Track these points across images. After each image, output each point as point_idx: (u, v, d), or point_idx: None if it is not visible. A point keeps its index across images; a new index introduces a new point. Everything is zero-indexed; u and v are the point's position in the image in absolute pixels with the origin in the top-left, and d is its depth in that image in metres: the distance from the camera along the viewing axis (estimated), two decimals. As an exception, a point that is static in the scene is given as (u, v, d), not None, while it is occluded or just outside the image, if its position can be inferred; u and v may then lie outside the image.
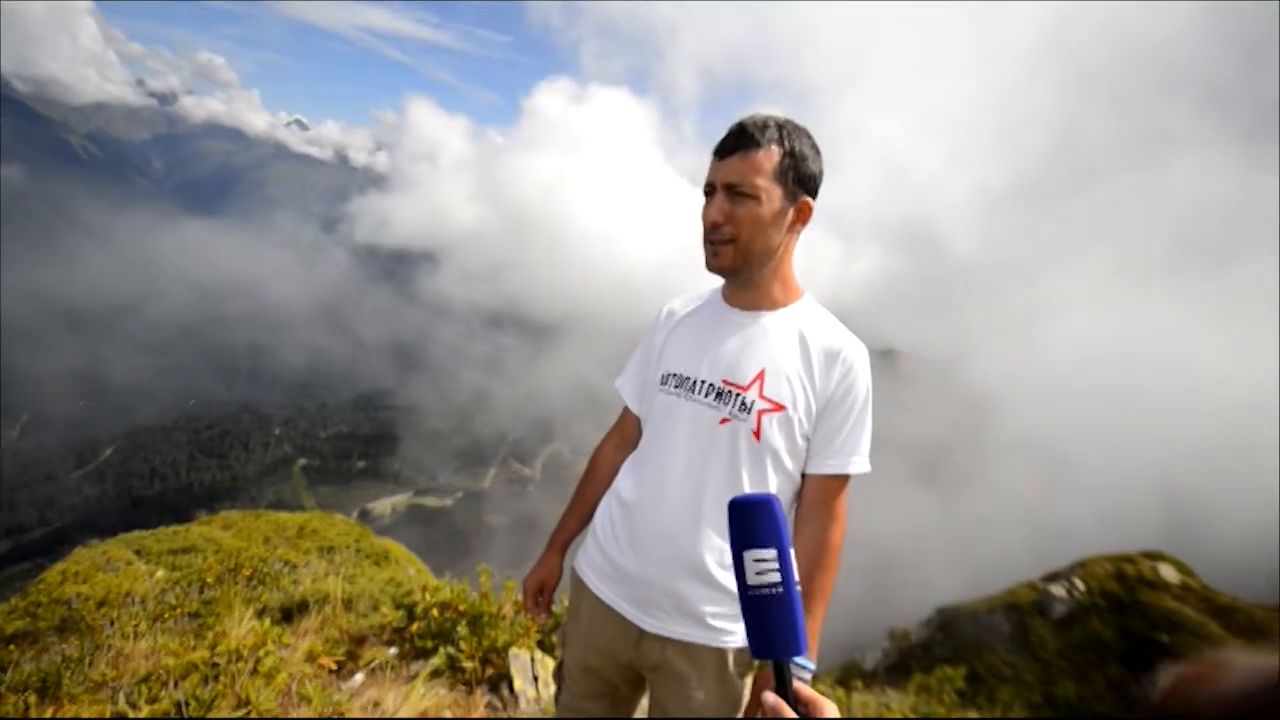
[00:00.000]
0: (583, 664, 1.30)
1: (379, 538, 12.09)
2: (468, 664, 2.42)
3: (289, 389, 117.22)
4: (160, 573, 6.70)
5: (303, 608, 3.32)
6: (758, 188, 1.09)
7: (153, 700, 1.71)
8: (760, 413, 1.12)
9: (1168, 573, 14.09)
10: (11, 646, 5.36)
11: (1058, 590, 14.47)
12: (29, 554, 61.06)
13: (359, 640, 2.72)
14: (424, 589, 3.01)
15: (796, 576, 0.67)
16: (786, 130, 1.10)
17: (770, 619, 0.66)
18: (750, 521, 0.69)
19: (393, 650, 2.62)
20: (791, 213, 1.12)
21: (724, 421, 1.13)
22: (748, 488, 1.11)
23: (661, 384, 1.23)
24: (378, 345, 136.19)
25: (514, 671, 2.40)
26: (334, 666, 2.32)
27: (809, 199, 1.12)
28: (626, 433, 1.37)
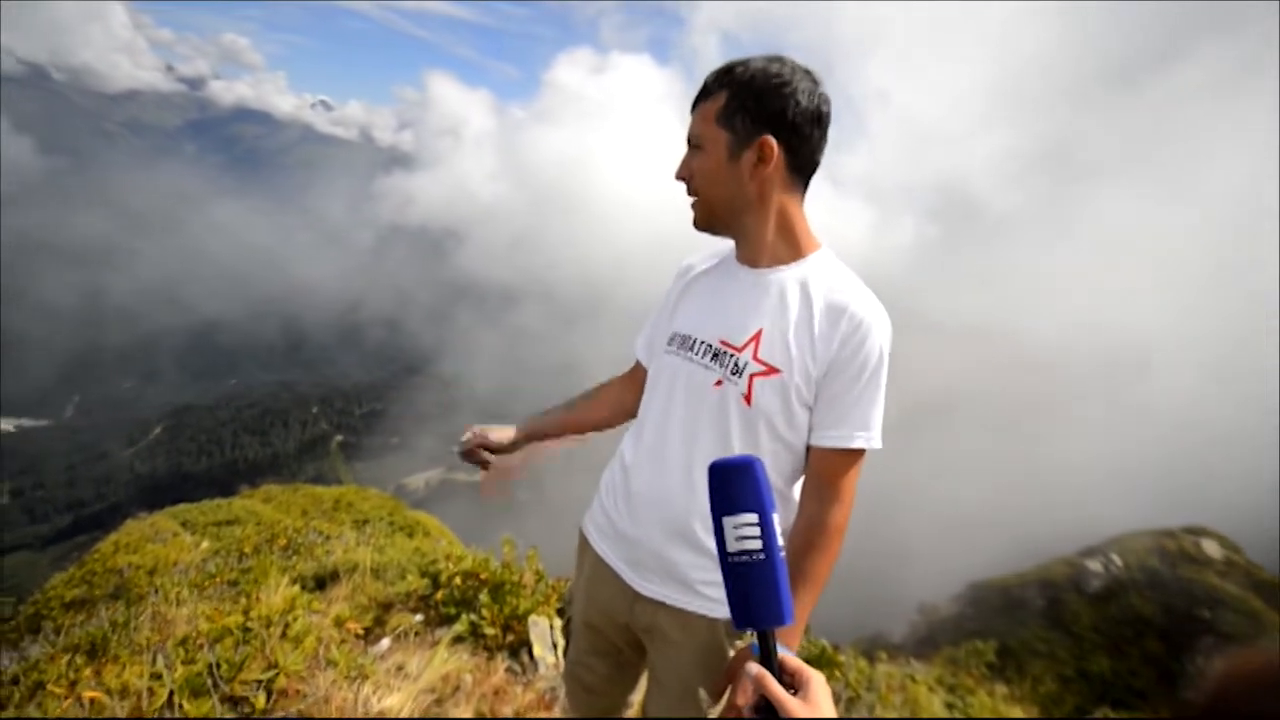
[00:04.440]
0: (585, 620, 1.31)
1: (412, 511, 12.47)
2: (489, 630, 2.48)
3: (324, 367, 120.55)
4: (205, 543, 7.02)
5: (334, 576, 3.44)
6: (702, 137, 1.05)
7: (188, 661, 1.79)
8: (753, 376, 1.05)
9: (1211, 548, 13.70)
10: (68, 612, 5.71)
11: (1094, 565, 14.20)
12: (87, 527, 64.67)
13: (386, 607, 2.80)
14: (448, 558, 3.08)
15: (780, 542, 0.65)
16: (740, 70, 1.01)
17: (752, 587, 0.64)
18: (729, 486, 0.66)
19: (418, 617, 2.70)
20: (749, 154, 1.02)
21: (718, 384, 1.08)
22: (736, 453, 1.02)
23: (668, 344, 1.18)
24: (408, 323, 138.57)
25: (533, 638, 2.45)
26: (361, 632, 2.40)
27: (769, 136, 1.00)
28: (636, 380, 1.33)
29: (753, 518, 0.64)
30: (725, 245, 1.20)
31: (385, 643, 2.40)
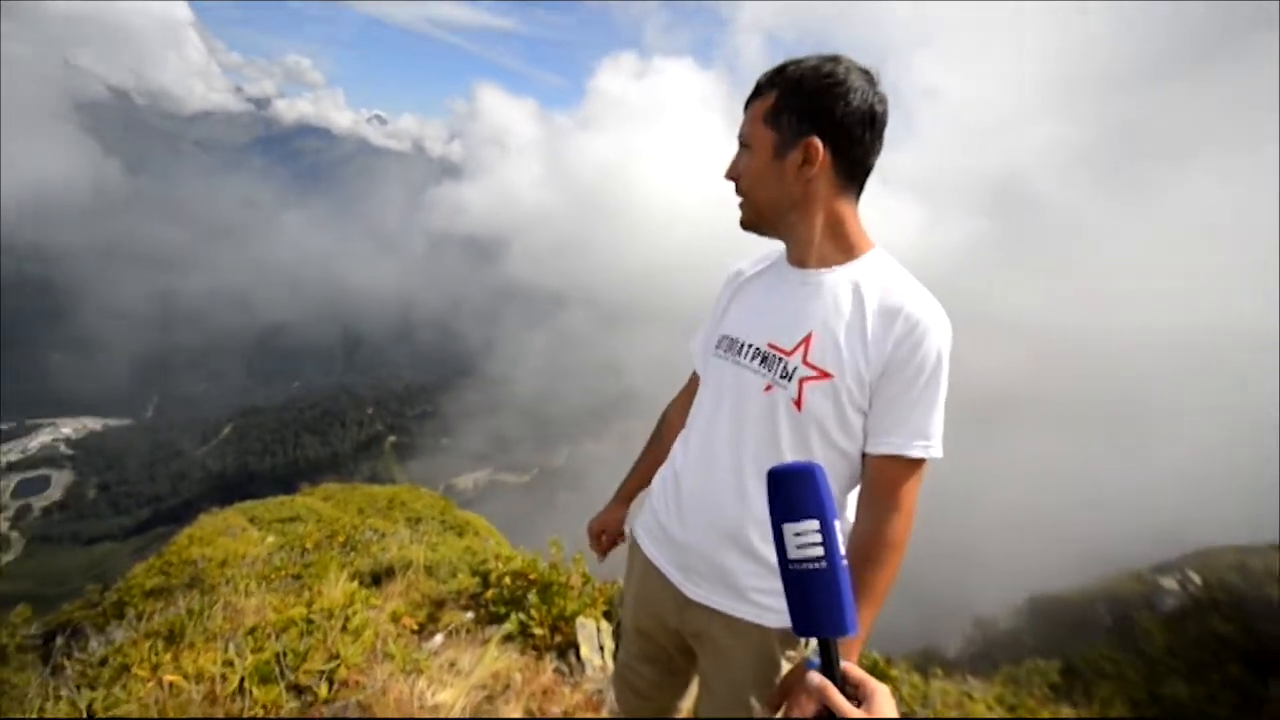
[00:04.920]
0: (635, 624, 1.30)
1: (462, 510, 12.79)
2: (538, 630, 2.52)
3: (379, 370, 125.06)
4: (270, 538, 7.38)
5: (389, 573, 3.56)
6: (750, 136, 1.04)
7: (257, 650, 1.89)
8: (803, 380, 1.01)
9: (1304, 567, 12.62)
10: (148, 599, 6.09)
11: (1169, 582, 13.29)
12: (164, 520, 68.94)
13: (439, 604, 2.88)
14: (498, 558, 3.15)
15: (843, 550, 0.63)
16: (792, 70, 1.00)
17: (813, 595, 0.63)
18: (789, 492, 0.65)
19: (469, 615, 2.76)
20: (794, 155, 0.99)
21: (768, 389, 1.05)
22: (787, 459, 1.00)
23: (716, 348, 1.17)
24: (457, 326, 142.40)
25: (581, 640, 2.47)
26: (416, 627, 2.48)
27: (815, 137, 0.98)
28: (693, 394, 1.33)
29: (814, 524, 0.63)
30: (776, 248, 1.17)
31: (438, 639, 2.47)
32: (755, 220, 1.09)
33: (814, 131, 0.98)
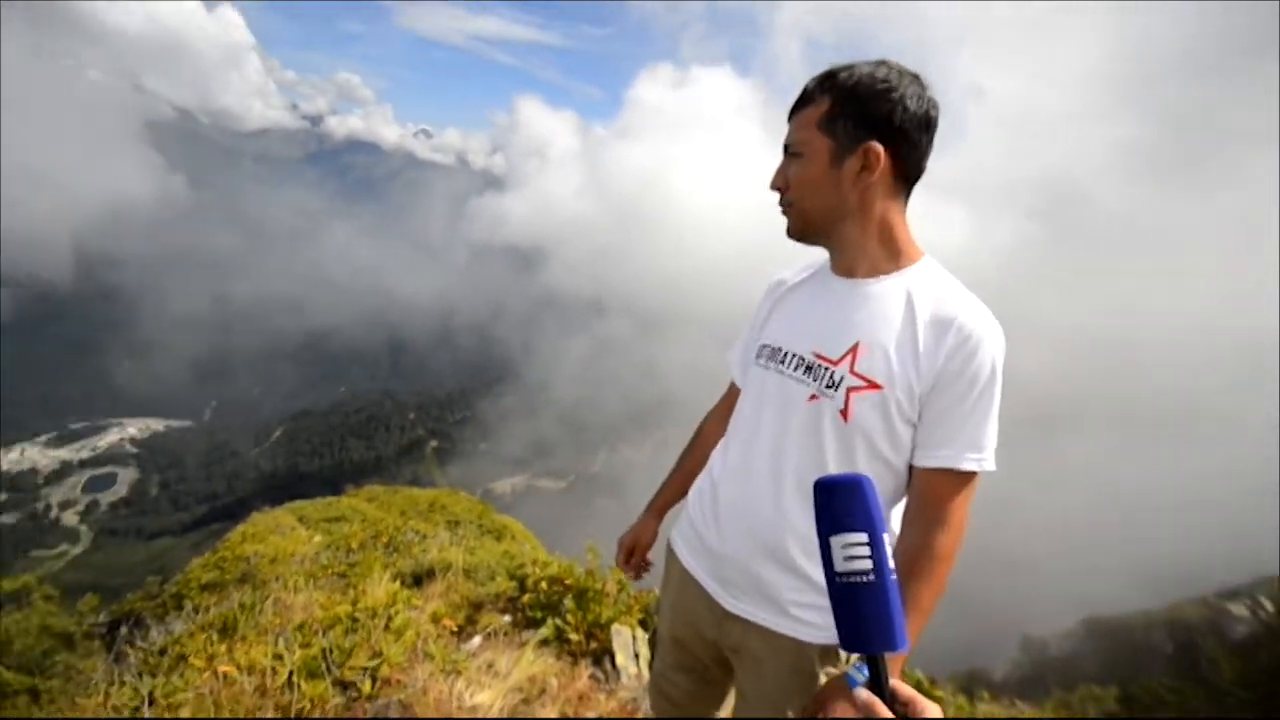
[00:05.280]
0: (671, 634, 1.30)
1: (499, 515, 12.97)
2: (573, 636, 2.54)
3: (422, 376, 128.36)
4: (317, 537, 7.64)
5: (430, 574, 3.64)
6: (800, 143, 1.01)
7: (304, 645, 1.95)
8: (850, 390, 0.99)
9: (1395, 597, 11.65)
10: (204, 593, 6.37)
11: (1238, 609, 12.44)
12: (219, 517, 72.07)
13: (477, 606, 2.93)
14: (535, 563, 3.18)
15: (892, 564, 0.63)
16: (844, 75, 0.98)
17: (862, 609, 0.62)
18: (837, 504, 0.64)
19: (506, 618, 2.80)
20: (852, 161, 0.97)
21: (812, 399, 1.03)
22: (831, 471, 0.98)
23: (757, 357, 1.15)
24: (497, 335, 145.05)
25: (616, 647, 2.47)
26: (455, 628, 2.52)
27: (875, 143, 0.96)
28: (730, 405, 1.32)
29: (862, 537, 0.62)
30: (817, 257, 1.16)
31: (476, 640, 2.51)
32: (805, 229, 1.07)
33: (872, 137, 0.96)
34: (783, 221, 1.11)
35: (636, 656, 2.51)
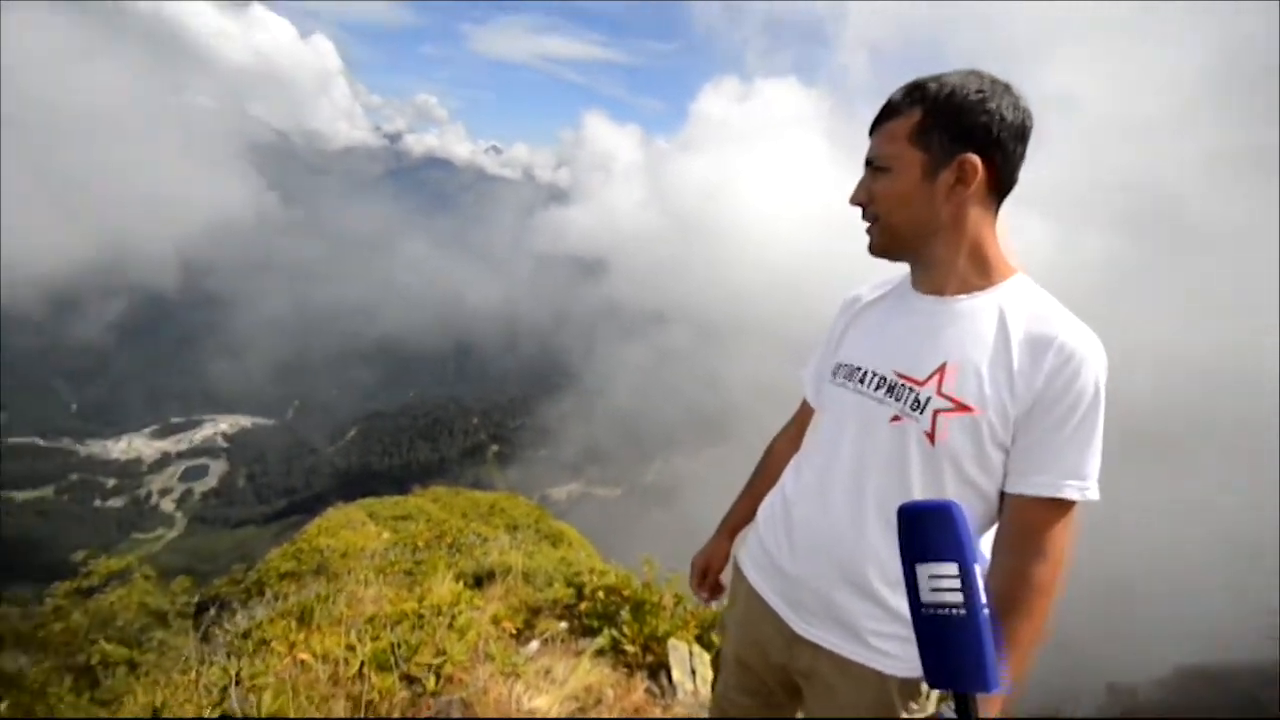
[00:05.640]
0: (737, 655, 1.26)
1: (556, 520, 13.15)
2: (629, 648, 2.52)
3: (486, 382, 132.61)
4: (385, 534, 7.97)
5: (490, 576, 3.73)
6: (889, 157, 0.97)
7: (374, 638, 2.03)
8: (938, 412, 0.94)
9: None
10: (283, 581, 6.73)
11: (1375, 669, 11.03)
12: (297, 510, 76.50)
13: (535, 611, 2.97)
14: (592, 571, 3.20)
15: (984, 598, 0.59)
16: (935, 86, 0.94)
17: (951, 644, 0.58)
18: (924, 531, 0.61)
19: (563, 624, 2.82)
20: (946, 175, 0.94)
21: (895, 420, 0.98)
22: (916, 496, 0.94)
23: (833, 375, 1.11)
24: (559, 344, 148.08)
25: (673, 662, 2.44)
26: (514, 632, 2.56)
27: (972, 155, 0.92)
28: (804, 426, 1.29)
29: (951, 568, 0.59)
30: (894, 273, 1.12)
31: (534, 645, 2.54)
32: (891, 245, 1.03)
33: (968, 149, 0.92)
34: (850, 234, 1.09)
35: (693, 673, 2.46)
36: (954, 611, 0.58)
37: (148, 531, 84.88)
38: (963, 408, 0.92)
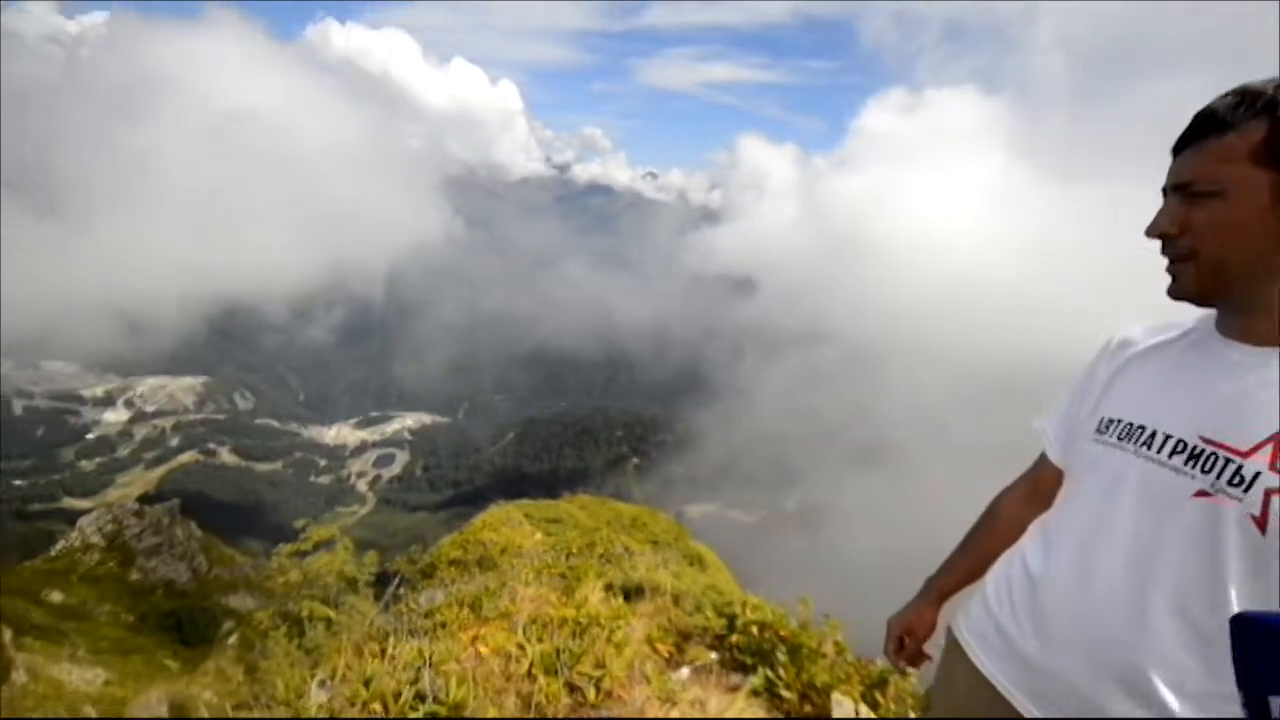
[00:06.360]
0: None
1: (694, 542, 13.05)
2: (786, 693, 2.36)
3: (631, 397, 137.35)
4: (538, 535, 8.46)
5: (639, 591, 3.75)
6: (1220, 180, 0.78)
7: (539, 640, 2.11)
8: (1271, 493, 0.73)
9: None
10: (451, 567, 7.37)
11: None
12: (462, 502, 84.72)
13: (685, 636, 2.91)
14: (744, 604, 3.07)
15: None
16: None
17: None
18: None
19: (714, 655, 2.73)
20: None
21: (1200, 495, 0.78)
22: (1234, 595, 0.74)
23: (1098, 431, 0.92)
24: (704, 363, 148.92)
25: (835, 716, 2.24)
26: (666, 655, 2.53)
27: None
28: (1042, 485, 1.09)
29: None
30: (1184, 316, 0.92)
31: (685, 672, 2.48)
32: (1216, 286, 0.81)
33: None
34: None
35: (859, 735, 2.24)
36: None
37: (346, 506, 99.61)
38: None
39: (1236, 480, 0.75)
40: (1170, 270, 0.84)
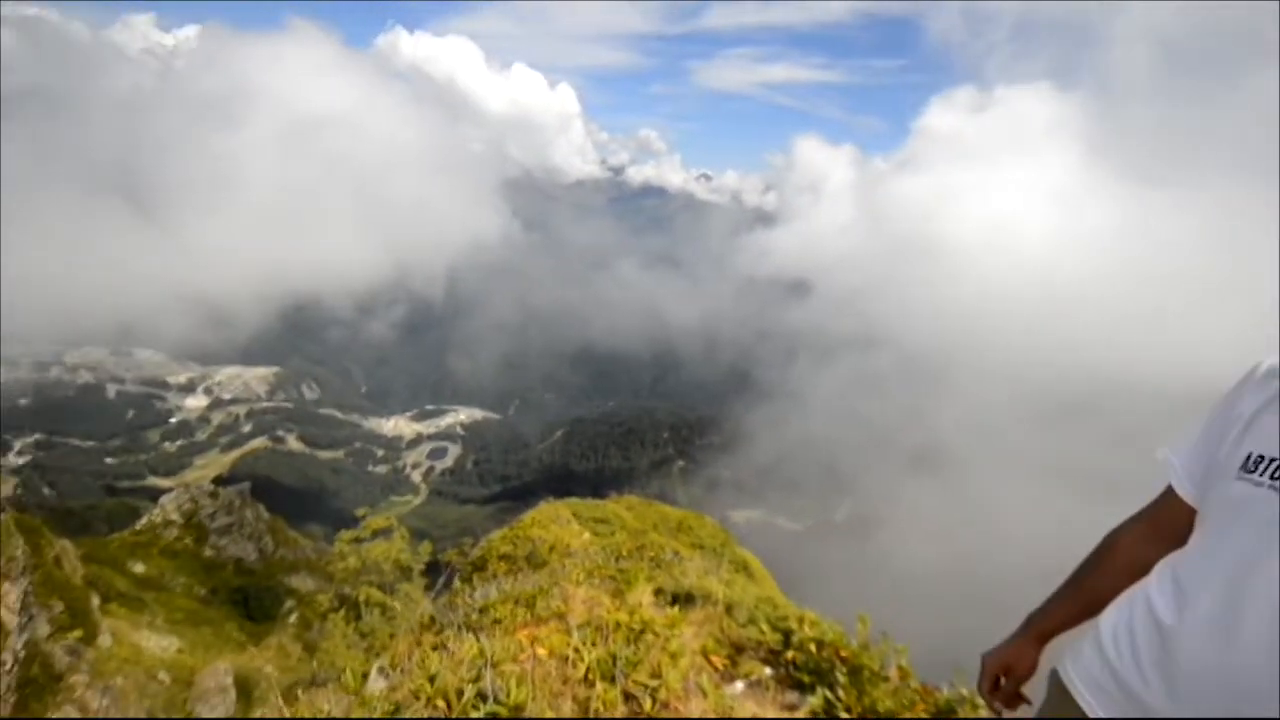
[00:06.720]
0: None
1: (739, 548, 12.84)
2: (845, 716, 2.26)
3: (678, 400, 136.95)
4: (586, 534, 8.50)
5: (689, 598, 3.69)
6: None
7: (593, 644, 2.09)
8: None
9: None
10: (500, 562, 7.47)
11: None
12: (511, 497, 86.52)
13: (739, 648, 2.83)
14: (801, 619, 2.97)
15: None
16: None
17: None
18: None
19: (768, 670, 2.64)
20: None
21: None
22: None
23: (1244, 469, 0.84)
24: (754, 367, 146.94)
25: (901, 748, 2.12)
26: (720, 667, 2.46)
27: None
28: (1163, 524, 1.01)
29: None
30: None
31: (739, 685, 2.41)
32: None
33: None
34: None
35: (927, 769, 2.11)
36: None
37: (401, 496, 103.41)
38: None
39: None
40: None
